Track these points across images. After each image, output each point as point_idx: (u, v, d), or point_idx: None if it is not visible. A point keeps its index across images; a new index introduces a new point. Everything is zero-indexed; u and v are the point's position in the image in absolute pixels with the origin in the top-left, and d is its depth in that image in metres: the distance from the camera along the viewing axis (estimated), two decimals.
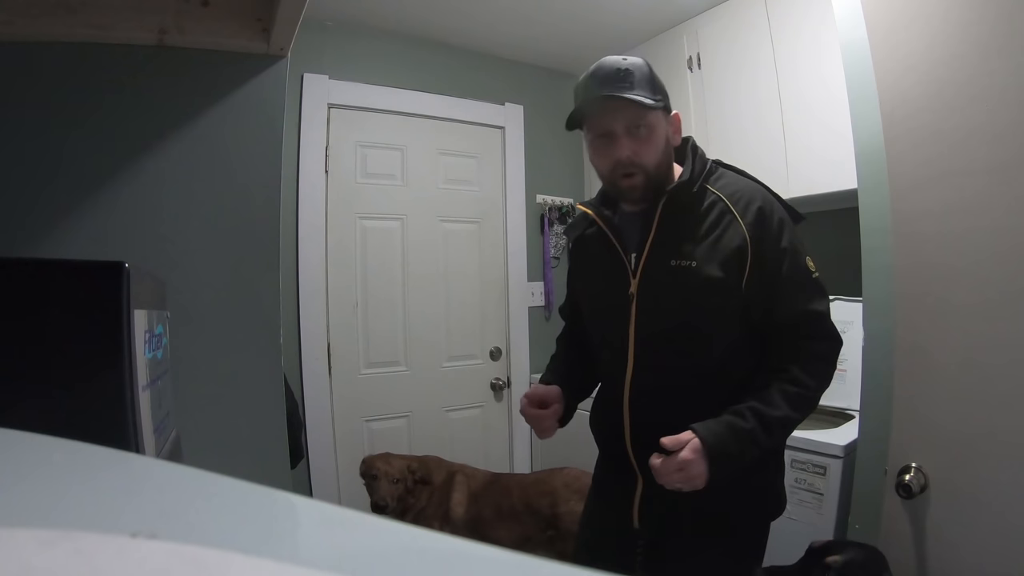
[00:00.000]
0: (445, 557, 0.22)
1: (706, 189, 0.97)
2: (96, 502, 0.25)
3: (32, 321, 0.58)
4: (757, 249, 0.92)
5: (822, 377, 0.93)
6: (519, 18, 2.25)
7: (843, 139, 1.34)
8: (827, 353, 0.95)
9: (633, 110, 0.91)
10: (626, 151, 0.93)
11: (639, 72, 0.93)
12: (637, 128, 0.93)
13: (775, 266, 0.92)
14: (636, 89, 0.91)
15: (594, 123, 0.96)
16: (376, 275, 2.32)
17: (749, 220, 0.93)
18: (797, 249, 0.94)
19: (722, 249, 0.92)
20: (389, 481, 1.81)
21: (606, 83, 0.92)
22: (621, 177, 0.95)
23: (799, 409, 0.91)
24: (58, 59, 1.08)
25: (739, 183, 0.98)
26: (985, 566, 0.91)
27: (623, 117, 0.92)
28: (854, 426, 1.47)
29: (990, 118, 0.90)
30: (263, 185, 1.24)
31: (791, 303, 0.93)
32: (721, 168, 1.02)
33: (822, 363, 0.94)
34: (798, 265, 0.93)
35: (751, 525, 0.99)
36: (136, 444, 0.60)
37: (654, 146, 0.94)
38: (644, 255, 0.97)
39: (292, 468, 1.38)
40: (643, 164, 0.94)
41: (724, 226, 0.94)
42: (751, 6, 1.96)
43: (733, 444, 0.86)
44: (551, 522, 1.72)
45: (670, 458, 0.86)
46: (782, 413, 0.89)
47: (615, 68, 0.92)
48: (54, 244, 1.05)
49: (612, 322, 1.00)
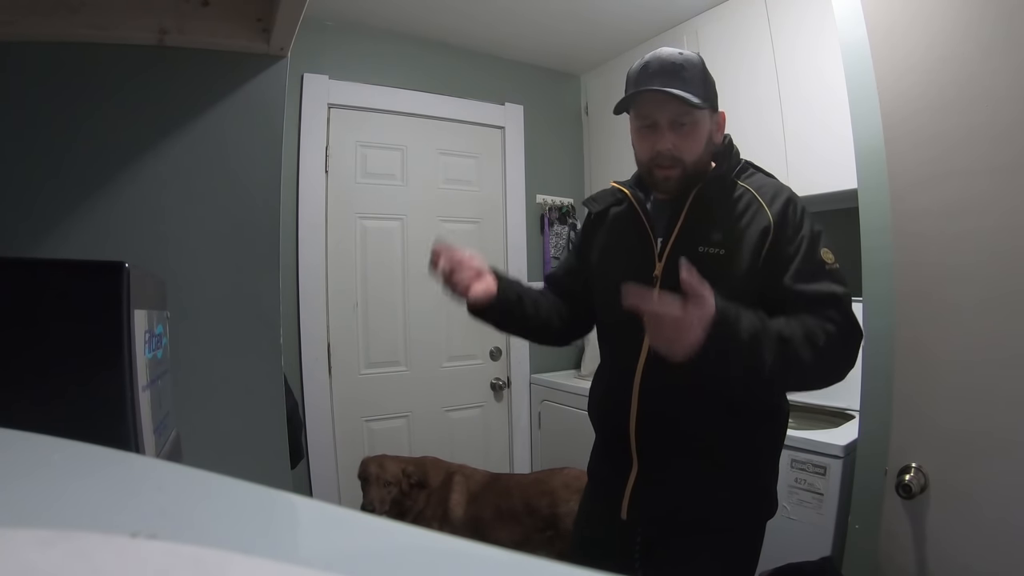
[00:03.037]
0: (445, 557, 0.22)
1: (736, 183, 0.99)
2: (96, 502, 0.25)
3: (32, 321, 0.58)
4: (778, 232, 0.93)
5: (833, 342, 0.86)
6: (519, 18, 2.25)
7: (843, 139, 1.34)
8: (842, 326, 0.88)
9: (679, 105, 0.93)
10: (667, 143, 0.95)
11: (692, 68, 0.94)
12: (681, 124, 0.94)
13: (791, 250, 0.92)
14: (687, 85, 0.92)
15: (641, 111, 0.98)
16: (376, 275, 2.32)
17: (776, 207, 0.94)
18: (815, 239, 0.94)
19: (749, 236, 0.93)
20: (380, 485, 1.82)
21: (658, 75, 0.93)
22: (657, 167, 0.97)
23: (804, 346, 0.84)
24: (58, 59, 1.08)
25: (767, 180, 1.01)
26: (985, 566, 0.91)
27: (669, 110, 0.94)
28: (854, 426, 1.47)
29: (991, 118, 0.90)
30: (263, 185, 1.24)
31: (802, 285, 0.90)
32: (752, 168, 1.04)
33: (835, 331, 0.87)
34: (814, 255, 0.92)
35: (745, 523, 0.99)
36: (136, 444, 0.60)
37: (695, 142, 0.96)
38: (672, 239, 0.98)
39: (292, 468, 1.37)
40: (682, 158, 0.96)
41: (752, 214, 0.95)
42: (751, 6, 1.96)
43: (738, 320, 0.81)
44: (550, 522, 1.72)
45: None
46: (788, 333, 0.84)
47: (670, 61, 0.94)
48: (54, 244, 1.05)
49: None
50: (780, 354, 0.83)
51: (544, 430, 2.56)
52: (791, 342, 0.84)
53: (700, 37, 2.14)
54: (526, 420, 2.63)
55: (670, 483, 0.97)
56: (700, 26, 2.15)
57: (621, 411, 1.00)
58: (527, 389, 2.63)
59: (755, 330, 0.82)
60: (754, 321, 0.83)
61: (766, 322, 0.85)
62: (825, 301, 0.89)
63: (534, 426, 2.62)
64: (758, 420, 0.98)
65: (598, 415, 1.10)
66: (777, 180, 1.02)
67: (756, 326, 0.83)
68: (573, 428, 2.27)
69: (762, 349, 0.82)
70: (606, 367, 1.11)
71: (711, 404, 0.95)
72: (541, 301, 1.11)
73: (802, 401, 1.76)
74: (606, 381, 1.09)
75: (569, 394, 2.37)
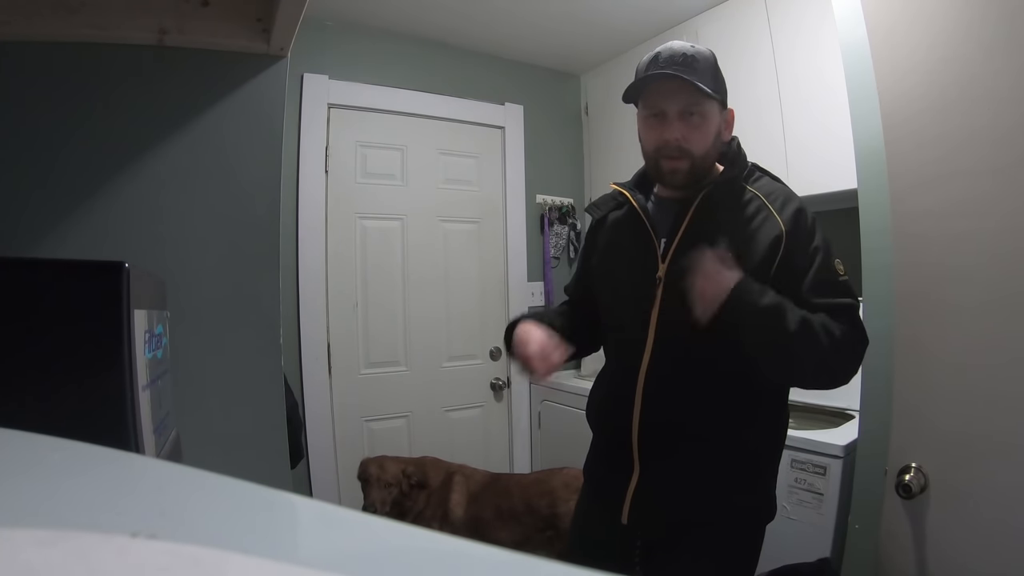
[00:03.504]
0: (445, 557, 0.22)
1: (744, 187, 0.98)
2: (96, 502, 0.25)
3: (32, 321, 0.58)
4: (791, 243, 0.92)
5: (846, 339, 0.88)
6: (519, 18, 2.25)
7: (843, 139, 1.34)
8: (848, 331, 0.90)
9: (689, 94, 0.92)
10: (676, 133, 0.94)
11: (704, 61, 0.94)
12: (691, 114, 0.94)
13: (806, 262, 0.92)
14: (698, 75, 0.92)
15: (649, 101, 0.97)
16: (376, 275, 2.32)
17: (787, 216, 0.93)
18: (828, 250, 0.93)
19: (759, 241, 0.93)
20: (381, 486, 1.82)
21: (669, 65, 0.93)
22: (665, 158, 0.96)
23: (822, 330, 0.86)
24: (58, 59, 1.08)
25: (776, 186, 1.00)
26: (985, 566, 0.91)
27: (679, 100, 0.93)
28: (854, 426, 1.47)
29: (991, 119, 0.90)
30: (263, 185, 1.24)
31: (817, 298, 0.91)
32: (759, 171, 1.03)
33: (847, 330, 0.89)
34: (828, 265, 0.92)
35: (744, 526, 0.99)
36: (136, 444, 0.60)
37: (704, 134, 0.95)
38: (676, 241, 0.97)
39: (292, 468, 1.37)
40: (690, 150, 0.95)
41: (761, 220, 0.94)
42: (751, 6, 1.96)
43: (764, 291, 0.86)
44: (550, 522, 1.72)
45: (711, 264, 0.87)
46: (809, 317, 0.87)
47: (681, 52, 0.93)
48: (54, 244, 1.05)
49: (634, 305, 0.99)
50: (802, 328, 0.85)
51: (544, 430, 2.56)
52: (812, 323, 0.86)
53: (700, 37, 2.14)
54: (526, 420, 2.63)
55: (671, 487, 0.97)
56: (700, 26, 2.15)
57: (623, 413, 0.99)
58: (527, 389, 2.63)
59: (779, 301, 0.86)
60: (777, 297, 0.86)
61: (788, 302, 0.87)
62: (837, 312, 0.90)
63: (534, 426, 2.62)
64: (759, 423, 0.98)
65: (598, 417, 1.10)
66: (785, 185, 1.01)
67: (779, 300, 0.86)
68: (573, 428, 2.27)
69: (785, 318, 0.85)
70: (609, 370, 1.10)
71: (714, 407, 0.95)
72: (577, 323, 1.12)
73: (802, 401, 1.76)
74: (608, 383, 1.09)
75: (569, 394, 2.37)
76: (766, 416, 0.99)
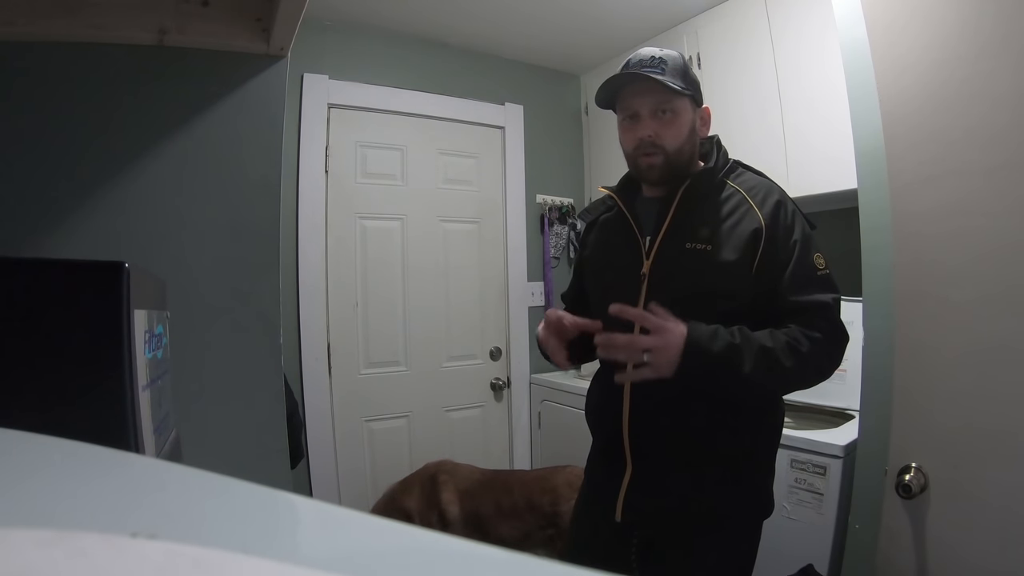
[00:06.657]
0: (445, 557, 0.22)
1: (725, 183, 1.01)
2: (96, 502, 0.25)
3: (32, 321, 0.58)
4: (770, 236, 0.94)
5: (818, 348, 0.90)
6: (519, 18, 2.25)
7: (843, 139, 1.34)
8: (828, 333, 0.92)
9: (659, 93, 0.96)
10: (648, 131, 0.98)
11: (672, 62, 0.98)
12: (662, 111, 0.97)
13: (784, 256, 0.94)
14: (667, 76, 0.96)
15: (623, 104, 1.01)
16: (376, 275, 2.33)
17: (767, 210, 0.95)
18: (807, 244, 0.95)
19: (738, 235, 0.94)
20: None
21: (638, 67, 0.97)
22: (642, 156, 1.00)
23: (786, 355, 0.88)
24: (58, 59, 1.08)
25: (758, 180, 1.02)
26: (985, 566, 0.91)
27: (650, 100, 0.97)
28: (854, 426, 1.47)
29: (990, 118, 0.90)
30: (263, 185, 1.24)
31: (795, 295, 0.93)
32: (741, 167, 1.05)
33: (820, 337, 0.91)
34: (806, 260, 0.94)
35: (741, 522, 1.00)
36: (136, 444, 0.60)
37: (677, 130, 0.98)
38: (660, 237, 1.00)
39: (292, 468, 1.37)
40: (664, 145, 0.98)
41: (741, 214, 0.96)
42: (751, 6, 1.96)
43: (712, 341, 0.87)
44: (552, 520, 1.72)
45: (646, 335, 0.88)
46: (770, 344, 0.88)
47: (649, 56, 0.98)
48: (54, 244, 1.05)
49: (620, 302, 1.00)
50: (761, 363, 0.87)
51: (544, 430, 2.56)
52: (772, 351, 0.88)
53: (700, 37, 2.14)
54: (526, 420, 2.63)
55: (663, 484, 0.97)
56: (700, 26, 2.15)
57: (614, 413, 1.00)
58: (527, 389, 2.63)
59: (730, 342, 0.87)
60: (730, 337, 0.88)
61: (746, 334, 0.89)
62: (814, 311, 0.92)
63: (534, 426, 2.62)
64: (752, 420, 0.99)
65: (593, 417, 1.11)
66: (768, 179, 1.03)
67: (733, 341, 0.88)
68: (573, 428, 2.27)
69: (741, 360, 0.87)
70: (601, 369, 1.11)
71: (702, 405, 0.95)
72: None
73: (802, 401, 1.76)
74: (600, 382, 1.10)
75: (569, 394, 2.37)
76: (757, 410, 0.99)
